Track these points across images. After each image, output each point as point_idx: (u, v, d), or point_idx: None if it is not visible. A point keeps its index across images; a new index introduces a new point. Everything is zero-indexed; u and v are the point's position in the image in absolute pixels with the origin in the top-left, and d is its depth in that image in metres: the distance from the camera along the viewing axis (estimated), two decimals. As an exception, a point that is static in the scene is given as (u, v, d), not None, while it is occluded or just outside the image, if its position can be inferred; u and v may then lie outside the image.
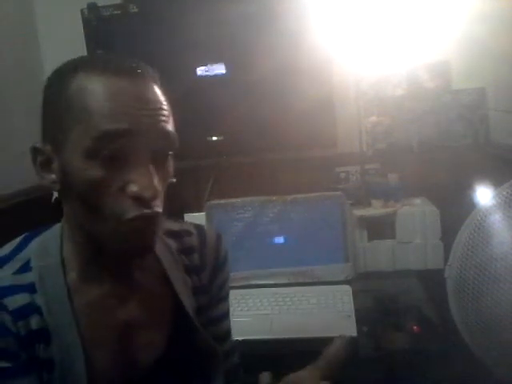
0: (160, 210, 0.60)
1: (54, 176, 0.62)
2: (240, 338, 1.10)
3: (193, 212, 1.54)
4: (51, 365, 0.60)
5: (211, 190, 1.67)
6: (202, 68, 1.55)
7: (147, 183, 0.57)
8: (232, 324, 1.20)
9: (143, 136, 0.58)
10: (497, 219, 0.89)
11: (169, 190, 0.65)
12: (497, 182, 0.94)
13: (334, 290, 1.31)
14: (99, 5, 1.55)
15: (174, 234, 0.76)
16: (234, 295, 1.34)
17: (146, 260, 0.71)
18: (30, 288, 0.62)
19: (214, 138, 1.58)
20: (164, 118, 0.61)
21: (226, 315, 0.82)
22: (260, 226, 1.44)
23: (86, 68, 0.60)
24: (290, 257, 1.42)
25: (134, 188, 0.57)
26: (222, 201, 1.46)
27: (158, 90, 0.62)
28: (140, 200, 0.57)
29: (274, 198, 1.44)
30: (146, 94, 0.59)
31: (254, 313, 1.26)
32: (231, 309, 1.26)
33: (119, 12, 1.53)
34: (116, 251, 0.62)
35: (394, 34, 1.55)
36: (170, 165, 0.64)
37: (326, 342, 1.13)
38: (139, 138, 0.57)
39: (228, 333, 0.83)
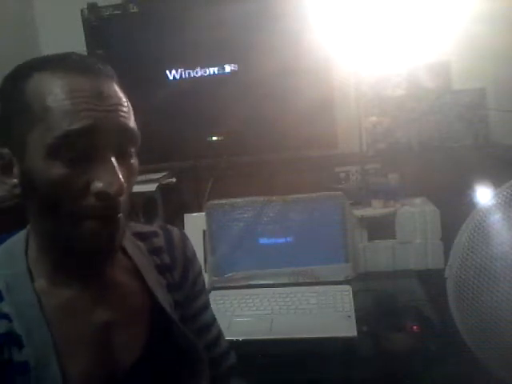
0: (120, 211, 0.59)
1: (15, 180, 0.60)
2: (240, 338, 1.11)
3: (193, 212, 1.54)
4: (26, 367, 0.60)
5: (211, 190, 1.68)
6: (202, 68, 1.55)
7: (112, 179, 0.56)
8: (232, 324, 1.21)
9: (105, 132, 0.57)
10: (497, 219, 0.89)
11: (169, 190, 0.65)
12: (497, 182, 0.94)
13: (334, 290, 1.31)
14: (99, 5, 1.55)
15: (142, 236, 0.76)
16: (234, 295, 1.34)
17: (118, 259, 0.70)
18: None
19: (214, 138, 1.58)
20: (124, 114, 0.60)
21: (204, 308, 0.82)
22: (260, 226, 1.44)
23: (41, 68, 0.59)
24: (290, 257, 1.41)
25: (98, 185, 0.57)
26: (222, 201, 1.46)
27: (115, 87, 0.61)
28: (104, 197, 0.57)
29: (274, 197, 1.44)
30: (104, 90, 0.59)
31: (254, 313, 1.26)
32: (231, 309, 1.28)
33: (119, 12, 1.54)
34: (79, 252, 0.61)
35: (394, 33, 1.55)
36: (134, 163, 0.63)
37: (325, 342, 1.13)
38: (101, 135, 0.57)
39: (208, 325, 0.82)
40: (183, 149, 1.61)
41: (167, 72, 1.56)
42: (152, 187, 1.46)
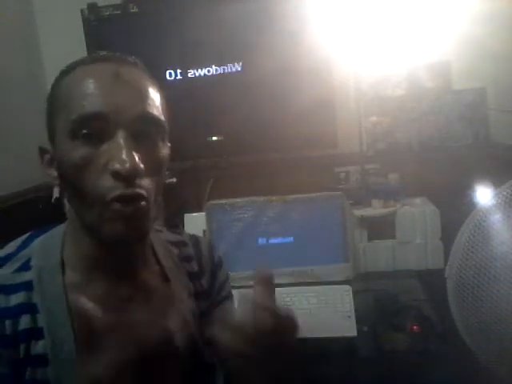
0: (143, 191, 0.60)
1: (55, 172, 0.64)
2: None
3: (193, 212, 1.54)
4: (45, 360, 0.61)
5: (211, 190, 1.68)
6: (202, 68, 1.55)
7: (124, 158, 0.58)
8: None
9: (120, 116, 0.59)
10: (497, 219, 0.89)
11: (169, 190, 0.65)
12: (497, 182, 0.94)
13: (334, 290, 1.31)
14: (99, 5, 1.55)
15: (173, 244, 0.78)
16: (234, 295, 1.34)
17: (148, 262, 0.71)
18: (28, 286, 0.63)
19: (214, 138, 1.58)
20: (144, 99, 0.61)
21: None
22: (260, 226, 1.44)
23: (77, 64, 0.63)
24: (290, 257, 1.41)
25: (113, 165, 0.58)
26: (222, 201, 1.46)
27: (139, 74, 0.64)
28: (118, 176, 0.58)
29: (274, 197, 1.44)
30: (124, 76, 0.61)
31: (254, 313, 1.25)
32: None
33: (119, 12, 1.54)
34: (106, 240, 0.61)
35: (394, 33, 1.55)
36: (161, 151, 0.64)
37: (326, 342, 1.13)
38: (115, 119, 0.59)
39: None
40: (183, 149, 1.60)
41: (167, 72, 1.56)
42: (152, 187, 1.46)
